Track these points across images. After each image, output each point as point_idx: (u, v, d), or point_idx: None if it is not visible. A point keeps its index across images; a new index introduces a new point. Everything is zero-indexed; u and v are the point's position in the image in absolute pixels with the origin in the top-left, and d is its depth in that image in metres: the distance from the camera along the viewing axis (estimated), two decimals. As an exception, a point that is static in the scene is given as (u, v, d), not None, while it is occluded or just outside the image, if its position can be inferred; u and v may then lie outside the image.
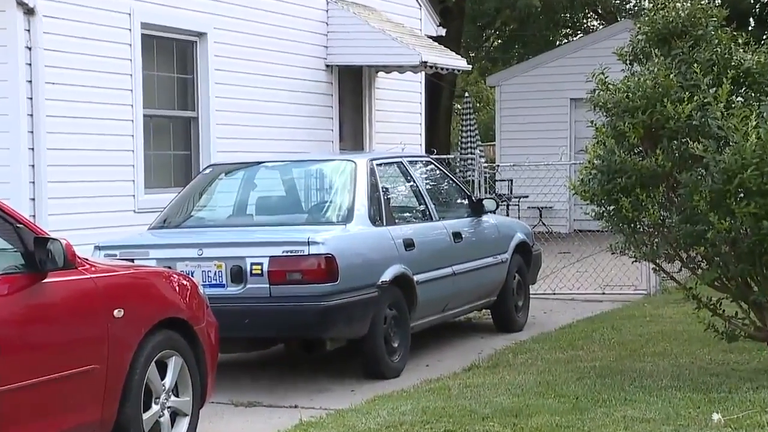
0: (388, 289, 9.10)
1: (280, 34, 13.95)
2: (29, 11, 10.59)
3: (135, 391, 6.33)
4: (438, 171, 11.11)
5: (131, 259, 8.52)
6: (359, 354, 9.11)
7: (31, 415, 5.75)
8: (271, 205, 9.92)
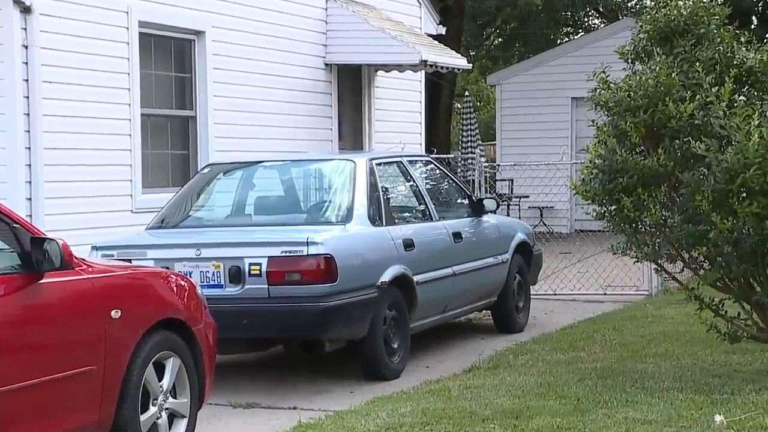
0: (388, 289, 9.09)
1: (279, 33, 13.92)
2: (26, 9, 10.56)
3: (132, 392, 6.32)
4: (438, 170, 11.09)
5: (129, 260, 8.50)
6: (358, 355, 9.10)
7: (27, 417, 5.73)
8: (270, 205, 9.91)
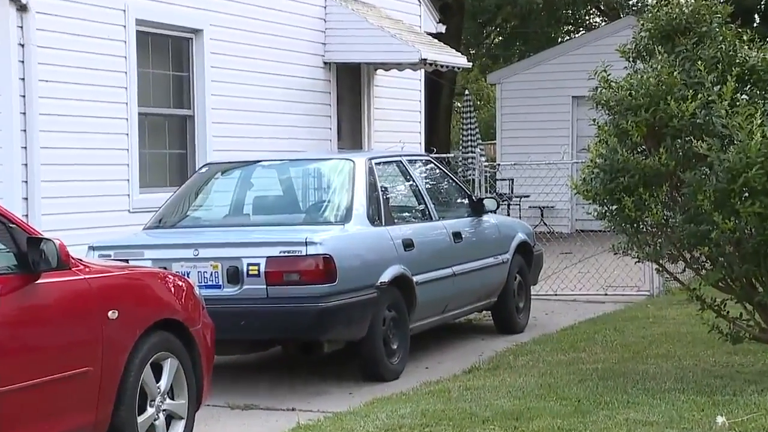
0: (387, 290, 9.07)
1: (278, 31, 13.91)
2: (22, 8, 10.54)
3: (130, 393, 6.31)
4: (438, 170, 11.09)
5: (126, 260, 8.50)
6: (358, 356, 9.09)
7: (24, 418, 5.72)
8: (268, 205, 9.89)
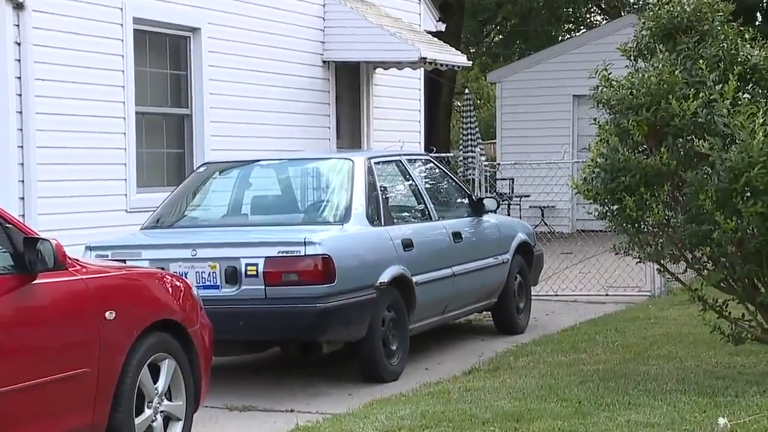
0: (387, 290, 9.06)
1: (276, 30, 13.89)
2: (18, 6, 10.51)
3: (127, 395, 6.30)
4: (437, 170, 11.08)
5: (123, 260, 8.48)
6: (357, 357, 9.08)
7: (19, 420, 5.71)
8: (267, 205, 9.88)
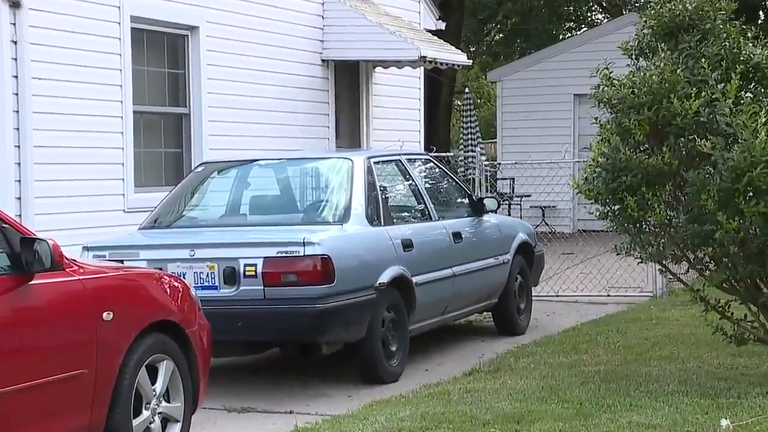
0: (386, 291, 9.04)
1: (275, 28, 13.88)
2: (15, 4, 10.49)
3: (125, 396, 6.30)
4: (437, 169, 11.07)
5: (121, 260, 8.48)
6: (356, 358, 9.07)
7: (16, 421, 5.70)
8: (266, 205, 9.88)
